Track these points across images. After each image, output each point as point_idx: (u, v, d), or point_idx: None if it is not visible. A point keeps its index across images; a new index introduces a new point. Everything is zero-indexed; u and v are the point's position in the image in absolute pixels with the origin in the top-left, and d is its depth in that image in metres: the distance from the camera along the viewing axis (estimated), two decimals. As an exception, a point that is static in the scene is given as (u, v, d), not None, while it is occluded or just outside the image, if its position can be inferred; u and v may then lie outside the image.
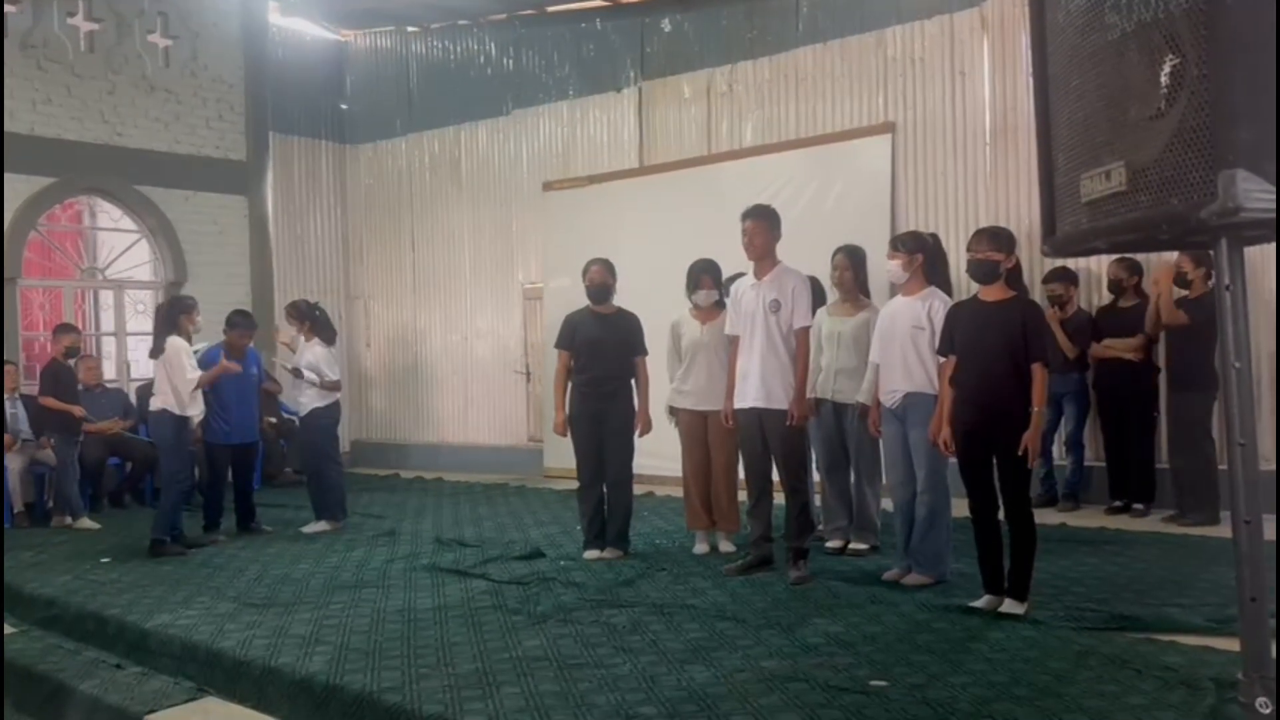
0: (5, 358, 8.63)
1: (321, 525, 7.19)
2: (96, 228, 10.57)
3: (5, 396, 8.33)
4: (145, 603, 5.26)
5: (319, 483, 7.27)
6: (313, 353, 7.23)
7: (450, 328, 11.11)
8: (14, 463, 8.14)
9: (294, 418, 9.23)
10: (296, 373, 7.16)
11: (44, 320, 11.03)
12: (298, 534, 7.13)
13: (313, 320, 7.33)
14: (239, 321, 7.34)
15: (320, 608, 4.98)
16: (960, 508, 4.68)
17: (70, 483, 7.96)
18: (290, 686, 3.96)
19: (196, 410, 6.71)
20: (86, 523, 7.81)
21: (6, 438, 8.16)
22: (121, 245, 10.32)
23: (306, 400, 7.23)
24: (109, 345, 10.27)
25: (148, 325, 8.43)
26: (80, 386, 8.33)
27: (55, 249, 10.34)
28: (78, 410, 7.85)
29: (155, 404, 6.60)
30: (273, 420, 9.17)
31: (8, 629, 5.37)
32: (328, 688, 3.83)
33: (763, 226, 5.17)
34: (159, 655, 4.61)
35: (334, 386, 7.28)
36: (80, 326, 9.52)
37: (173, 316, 6.76)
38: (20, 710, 4.54)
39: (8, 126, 9.00)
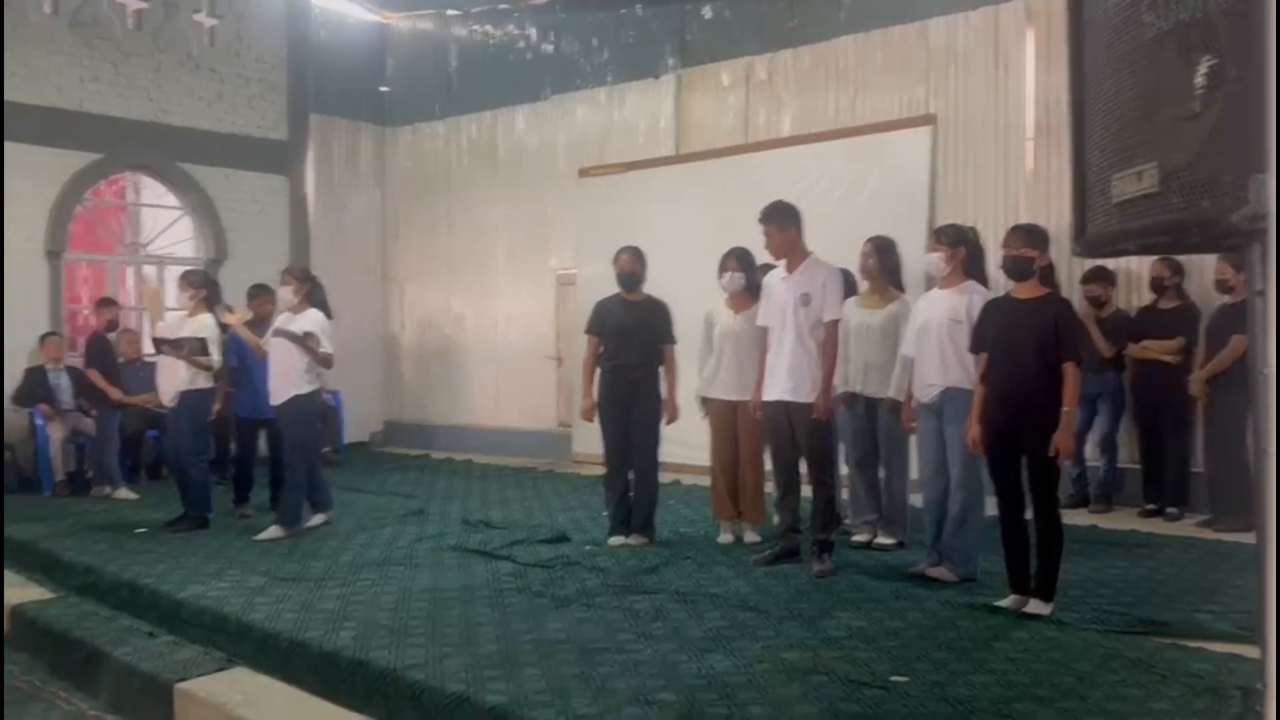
0: (51, 329, 8.84)
1: (320, 519, 6.55)
2: (140, 203, 10.75)
3: (49, 367, 8.53)
4: (178, 573, 5.36)
5: (290, 481, 6.41)
6: (311, 320, 6.29)
7: (483, 311, 11.17)
8: (56, 432, 8.33)
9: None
10: (308, 336, 6.19)
11: (87, 294, 11.22)
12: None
13: (310, 286, 6.48)
14: (257, 293, 7.42)
15: (348, 584, 5.05)
16: (989, 505, 4.65)
17: (110, 453, 8.13)
18: (317, 660, 4.03)
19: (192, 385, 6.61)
20: (124, 493, 7.98)
21: (48, 408, 8.36)
22: (164, 222, 10.48)
23: (288, 384, 6.25)
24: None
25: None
26: (120, 360, 8.49)
27: (100, 224, 10.52)
28: (114, 393, 7.98)
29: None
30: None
31: (46, 594, 5.51)
32: (353, 662, 3.89)
33: (773, 229, 5.17)
34: (190, 625, 4.71)
35: (327, 362, 6.40)
36: (121, 301, 9.68)
37: None
38: (56, 674, 4.66)
39: (58, 103, 9.17)
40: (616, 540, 5.89)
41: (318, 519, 6.58)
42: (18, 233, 8.94)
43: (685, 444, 7.17)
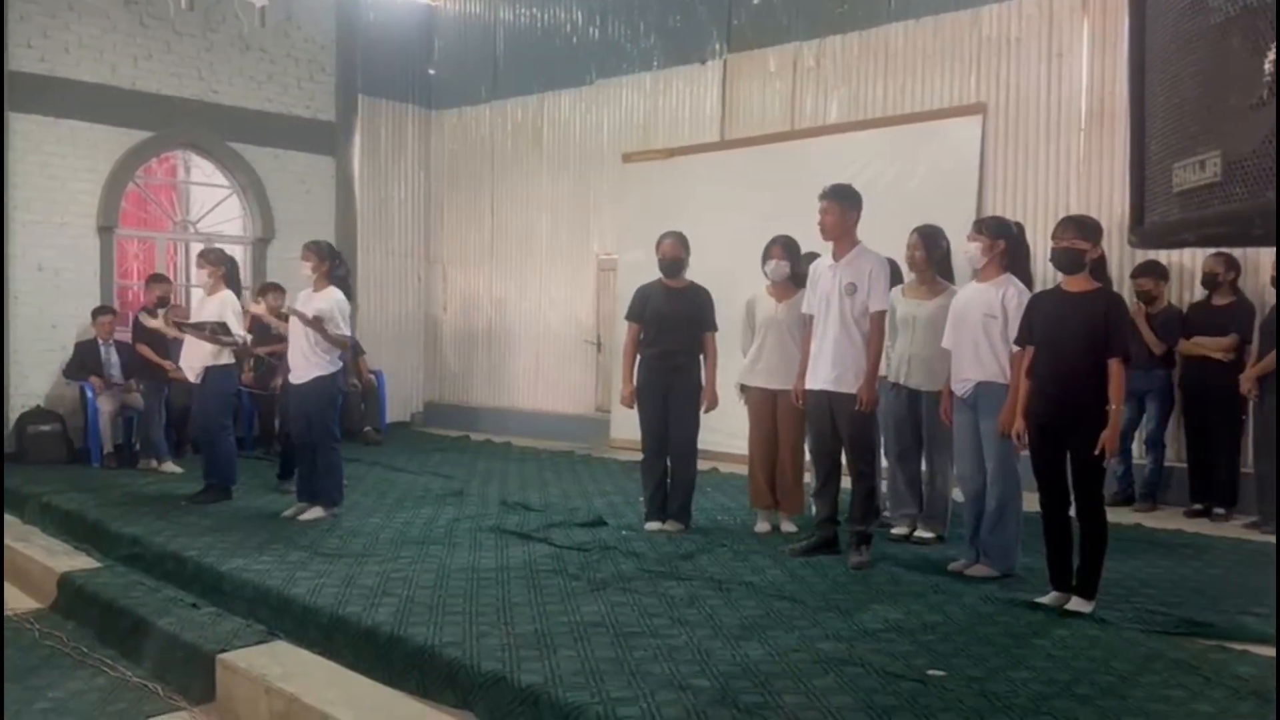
0: (102, 304, 9.01)
1: (316, 511, 6.20)
2: (190, 182, 10.90)
3: (101, 343, 8.70)
4: (222, 546, 5.46)
5: (315, 463, 6.22)
6: (326, 300, 6.10)
7: (524, 295, 11.21)
8: (106, 406, 8.50)
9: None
10: (316, 323, 5.99)
11: (137, 269, 11.42)
12: (368, 489, 7.30)
13: (331, 263, 6.23)
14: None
15: (388, 561, 5.11)
16: (1030, 501, 4.59)
17: (156, 428, 8.27)
18: (356, 635, 4.08)
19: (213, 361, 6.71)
20: (170, 466, 8.13)
21: (98, 381, 8.53)
22: (213, 200, 10.63)
23: (306, 364, 6.10)
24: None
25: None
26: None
27: (151, 201, 10.69)
28: (169, 365, 8.13)
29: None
30: (355, 382, 9.20)
31: (93, 563, 5.63)
32: (391, 638, 3.94)
33: (835, 207, 5.09)
34: (233, 598, 4.79)
35: (341, 343, 6.17)
36: (171, 277, 9.84)
37: None
38: (103, 642, 4.76)
39: (111, 81, 9.33)
40: (653, 526, 5.90)
41: (313, 512, 6.18)
42: (70, 209, 9.12)
43: (723, 431, 7.16)
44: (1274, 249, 5.89)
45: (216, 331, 6.62)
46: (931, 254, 5.53)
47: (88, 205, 9.23)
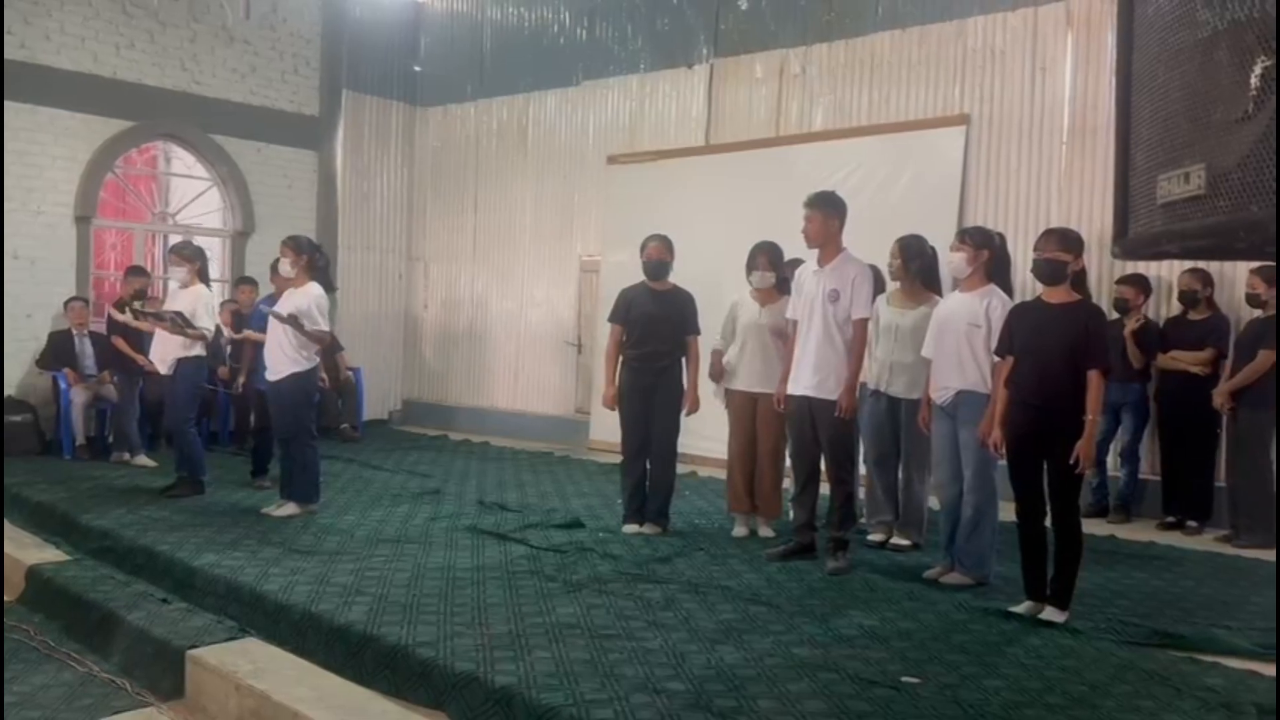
0: (76, 294, 8.91)
1: (290, 508, 6.18)
2: (170, 173, 10.81)
3: (75, 333, 8.60)
4: (194, 541, 5.40)
5: (292, 460, 6.18)
6: (305, 295, 6.06)
7: (506, 294, 11.18)
8: (79, 397, 8.40)
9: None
10: (293, 320, 5.93)
11: (114, 260, 11.31)
12: (344, 487, 7.25)
13: (310, 257, 6.19)
14: (240, 283, 7.46)
15: (363, 559, 5.08)
16: (1006, 510, 4.61)
17: (130, 420, 8.19)
18: (328, 633, 4.04)
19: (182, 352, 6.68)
20: (143, 460, 8.04)
21: (71, 373, 8.43)
22: (193, 192, 10.54)
23: (283, 361, 6.06)
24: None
25: (213, 273, 8.55)
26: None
27: (130, 191, 10.59)
28: (142, 358, 8.04)
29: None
30: (322, 378, 9.08)
31: (62, 556, 5.56)
32: (364, 637, 3.91)
33: (818, 215, 5.12)
34: (204, 593, 4.74)
35: (320, 338, 6.15)
36: (150, 269, 9.74)
37: None
38: (69, 636, 4.69)
39: (93, 69, 9.23)
40: (630, 528, 5.88)
41: (288, 509, 6.15)
42: (48, 197, 9.02)
43: (703, 435, 7.16)
44: (1251, 264, 5.96)
45: (176, 321, 6.57)
46: (909, 264, 5.54)
47: (65, 194, 9.12)
